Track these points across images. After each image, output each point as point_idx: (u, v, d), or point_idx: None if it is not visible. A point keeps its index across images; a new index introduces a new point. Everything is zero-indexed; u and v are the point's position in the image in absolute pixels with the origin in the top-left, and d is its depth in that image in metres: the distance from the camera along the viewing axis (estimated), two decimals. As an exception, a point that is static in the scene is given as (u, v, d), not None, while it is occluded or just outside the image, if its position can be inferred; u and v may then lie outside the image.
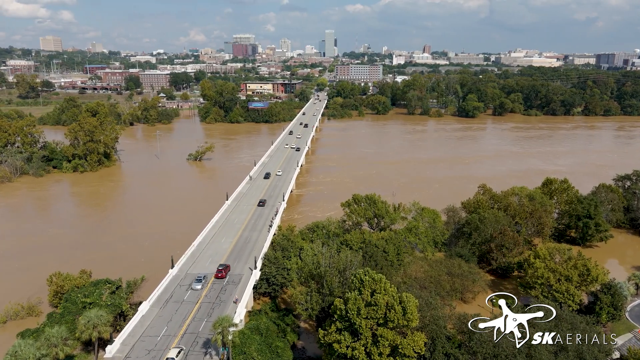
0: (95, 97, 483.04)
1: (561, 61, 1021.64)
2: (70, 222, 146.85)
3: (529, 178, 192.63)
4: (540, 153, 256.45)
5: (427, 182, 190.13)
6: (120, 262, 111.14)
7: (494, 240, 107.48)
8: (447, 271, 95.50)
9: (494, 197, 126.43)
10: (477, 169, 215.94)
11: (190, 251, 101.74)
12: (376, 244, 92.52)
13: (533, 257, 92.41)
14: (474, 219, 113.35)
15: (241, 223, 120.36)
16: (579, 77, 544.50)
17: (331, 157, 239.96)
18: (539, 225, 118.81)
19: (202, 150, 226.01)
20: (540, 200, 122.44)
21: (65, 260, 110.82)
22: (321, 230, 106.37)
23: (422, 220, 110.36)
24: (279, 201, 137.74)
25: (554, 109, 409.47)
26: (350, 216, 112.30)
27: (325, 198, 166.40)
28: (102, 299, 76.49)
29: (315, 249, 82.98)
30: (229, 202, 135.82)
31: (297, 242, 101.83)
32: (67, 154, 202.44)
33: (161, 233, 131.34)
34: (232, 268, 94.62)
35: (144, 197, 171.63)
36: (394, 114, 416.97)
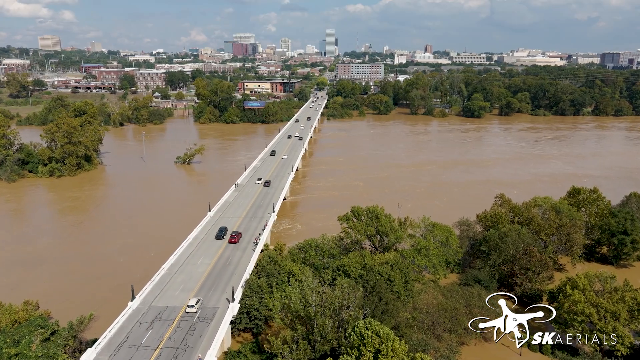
0: (88, 96, 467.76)
1: (565, 60, 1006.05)
2: (32, 235, 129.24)
3: (554, 183, 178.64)
4: (563, 155, 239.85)
5: (440, 189, 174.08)
6: (83, 288, 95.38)
7: (517, 262, 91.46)
8: (465, 302, 79.44)
9: (514, 209, 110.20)
10: (494, 173, 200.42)
11: (159, 276, 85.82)
12: (379, 271, 76.47)
13: (570, 287, 76.29)
14: (493, 236, 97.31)
15: (223, 239, 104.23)
16: (587, 76, 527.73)
17: (330, 160, 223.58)
18: (568, 243, 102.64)
19: (191, 153, 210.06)
20: (568, 214, 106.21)
21: (15, 284, 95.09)
22: (314, 251, 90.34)
23: (432, 238, 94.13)
24: (269, 212, 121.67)
25: (563, 108, 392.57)
26: (348, 233, 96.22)
27: (323, 206, 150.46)
28: (31, 348, 60.39)
29: (305, 280, 66.90)
30: (211, 213, 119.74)
31: (286, 265, 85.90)
32: (43, 157, 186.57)
33: (134, 250, 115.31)
34: (206, 299, 78.71)
35: (121, 207, 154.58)
36: (396, 113, 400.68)
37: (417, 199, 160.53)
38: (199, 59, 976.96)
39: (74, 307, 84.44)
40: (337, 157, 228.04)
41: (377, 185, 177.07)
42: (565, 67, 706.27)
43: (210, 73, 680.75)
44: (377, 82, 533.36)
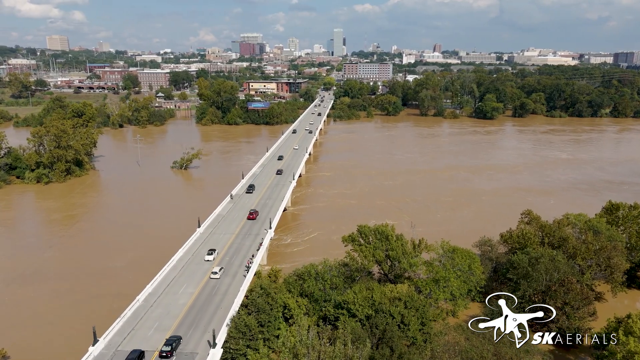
0: (91, 96, 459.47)
1: (577, 60, 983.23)
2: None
3: (591, 191, 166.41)
4: (593, 160, 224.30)
5: (464, 198, 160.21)
6: (47, 320, 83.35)
7: (552, 294, 77.94)
8: (494, 348, 66.08)
9: (544, 227, 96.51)
10: (523, 179, 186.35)
11: (132, 310, 73.37)
12: (390, 312, 63.44)
13: (623, 333, 62.79)
14: (522, 262, 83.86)
15: (211, 262, 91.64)
16: (603, 75, 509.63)
17: (336, 164, 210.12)
18: (608, 269, 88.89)
19: (189, 157, 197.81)
20: (607, 234, 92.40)
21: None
22: (314, 279, 77.37)
23: (452, 266, 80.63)
24: (265, 228, 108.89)
25: (580, 110, 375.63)
26: (353, 259, 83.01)
27: (328, 218, 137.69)
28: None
29: (299, 330, 54.00)
30: (201, 229, 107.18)
31: (280, 299, 73.12)
32: (30, 162, 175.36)
33: (109, 274, 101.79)
34: (185, 341, 66.09)
35: (103, 221, 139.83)
36: (405, 114, 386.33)
37: (438, 209, 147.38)
38: (205, 59, 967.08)
39: (34, 345, 72.43)
40: (344, 162, 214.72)
41: (389, 193, 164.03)
42: (580, 67, 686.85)
43: (216, 73, 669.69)
44: (385, 82, 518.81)
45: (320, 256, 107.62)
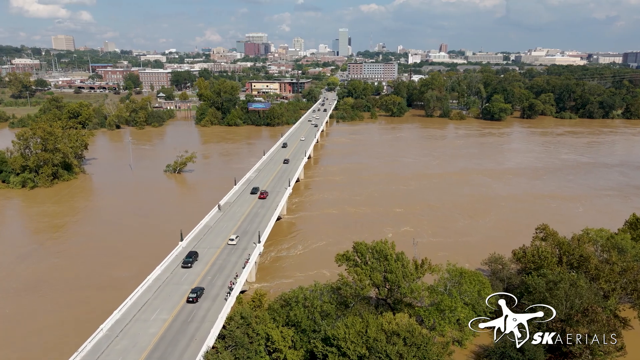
0: (91, 96, 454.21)
1: (585, 60, 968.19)
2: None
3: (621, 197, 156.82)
4: (617, 164, 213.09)
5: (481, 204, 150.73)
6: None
7: (574, 324, 68.31)
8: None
9: (562, 245, 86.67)
10: (544, 185, 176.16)
11: (93, 342, 64.47)
12: (387, 352, 54.05)
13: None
14: (539, 286, 74.16)
15: (190, 283, 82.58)
16: (613, 76, 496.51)
17: (338, 169, 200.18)
18: (635, 293, 79.06)
19: (182, 161, 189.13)
20: (633, 253, 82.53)
21: None
22: (302, 307, 68.07)
23: (459, 292, 71.02)
24: (254, 242, 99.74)
25: (591, 111, 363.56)
26: (346, 284, 73.29)
27: (330, 227, 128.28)
28: None
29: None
30: (184, 243, 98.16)
31: (262, 330, 63.97)
32: (15, 166, 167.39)
33: (77, 297, 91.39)
34: (148, 382, 57.26)
35: (83, 229, 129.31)
36: (410, 115, 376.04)
37: (457, 217, 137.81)
38: (210, 59, 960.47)
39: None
40: (347, 165, 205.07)
41: (402, 198, 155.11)
42: (589, 67, 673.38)
43: (219, 73, 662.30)
44: (390, 82, 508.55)
45: (317, 271, 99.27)
